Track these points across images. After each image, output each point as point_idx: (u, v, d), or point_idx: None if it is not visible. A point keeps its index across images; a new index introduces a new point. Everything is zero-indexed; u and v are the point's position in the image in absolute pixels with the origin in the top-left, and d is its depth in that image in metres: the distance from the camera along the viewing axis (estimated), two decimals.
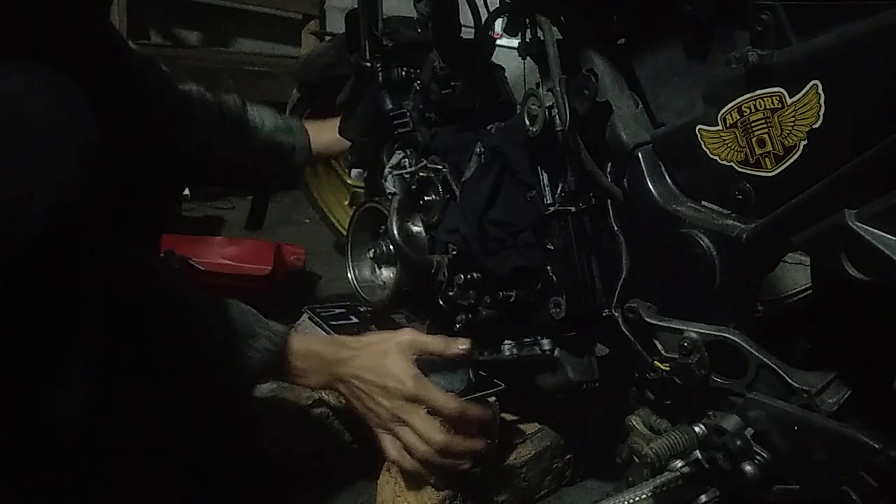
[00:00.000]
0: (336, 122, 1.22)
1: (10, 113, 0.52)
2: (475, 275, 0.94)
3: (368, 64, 1.15)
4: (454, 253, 0.96)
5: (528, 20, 0.89)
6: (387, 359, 0.84)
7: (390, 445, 0.86)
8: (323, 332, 1.05)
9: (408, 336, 0.87)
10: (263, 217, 1.26)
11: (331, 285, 1.75)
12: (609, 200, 0.81)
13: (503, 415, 0.95)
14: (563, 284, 0.87)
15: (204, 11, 3.05)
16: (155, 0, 2.87)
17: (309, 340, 0.88)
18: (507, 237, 0.90)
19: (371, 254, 1.10)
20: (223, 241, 1.71)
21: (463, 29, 1.08)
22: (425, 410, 0.83)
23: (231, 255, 1.65)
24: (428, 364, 0.90)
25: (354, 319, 1.10)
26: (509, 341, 0.94)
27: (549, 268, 0.89)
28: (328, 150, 1.25)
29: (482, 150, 0.96)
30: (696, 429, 0.70)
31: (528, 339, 0.93)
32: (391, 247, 1.03)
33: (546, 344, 0.92)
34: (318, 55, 1.65)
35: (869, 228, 0.53)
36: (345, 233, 1.79)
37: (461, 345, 0.87)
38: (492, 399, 0.91)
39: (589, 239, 0.86)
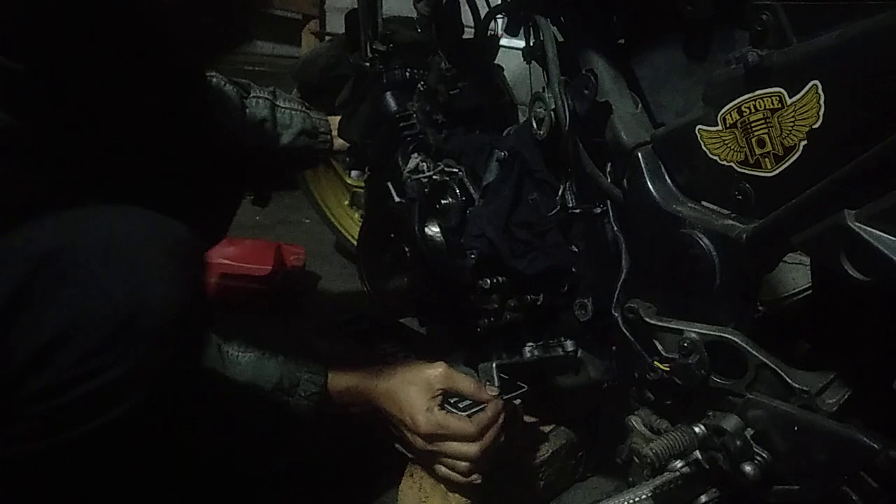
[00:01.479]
0: None
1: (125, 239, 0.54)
2: (500, 279, 0.93)
3: (368, 64, 1.15)
4: (478, 257, 0.95)
5: (530, 22, 0.89)
6: (406, 393, 0.85)
7: (435, 473, 0.88)
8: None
9: (439, 371, 0.87)
10: (270, 196, 1.25)
11: (331, 285, 1.75)
12: (609, 201, 0.81)
13: (524, 416, 0.96)
14: (589, 285, 0.88)
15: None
16: None
17: (346, 376, 0.88)
18: (533, 239, 0.90)
19: (386, 259, 1.08)
20: (223, 241, 1.69)
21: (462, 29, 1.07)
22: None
23: (231, 255, 1.64)
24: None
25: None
26: (531, 343, 0.94)
27: (573, 269, 0.89)
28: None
29: (503, 154, 0.96)
30: (696, 429, 0.70)
31: (552, 341, 0.94)
32: (409, 252, 1.02)
33: (570, 345, 0.93)
34: (318, 55, 1.65)
35: (868, 229, 0.53)
36: (343, 232, 1.81)
37: (490, 391, 0.88)
38: (517, 402, 0.92)
39: (613, 240, 0.86)
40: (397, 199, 1.07)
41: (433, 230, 1.01)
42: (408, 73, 1.10)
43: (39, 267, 0.50)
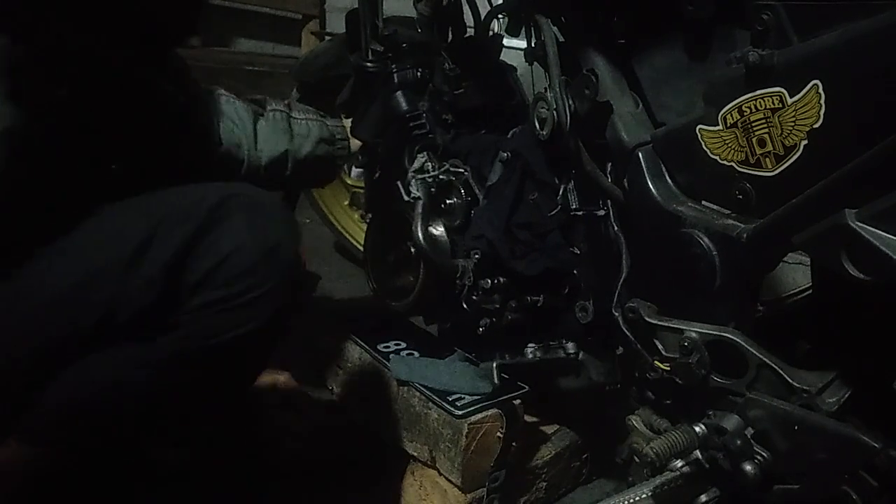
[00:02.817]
0: None
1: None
2: (502, 279, 0.93)
3: (369, 64, 1.15)
4: (480, 257, 0.95)
5: (531, 23, 0.89)
6: None
7: None
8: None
9: None
10: (294, 209, 1.27)
11: (331, 285, 1.75)
12: (610, 201, 0.81)
13: (525, 416, 0.96)
14: (590, 287, 0.87)
15: (204, 11, 3.04)
16: None
17: None
18: (534, 240, 0.90)
19: (391, 258, 1.08)
20: None
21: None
22: None
23: None
24: (433, 366, 0.89)
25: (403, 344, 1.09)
26: (532, 344, 0.94)
27: (575, 271, 0.89)
28: None
29: (506, 155, 0.96)
30: (697, 428, 0.70)
31: (553, 343, 0.94)
32: (414, 251, 1.02)
33: (571, 347, 0.93)
34: (318, 55, 1.64)
35: (869, 228, 0.53)
36: (343, 232, 1.80)
37: None
38: (516, 402, 0.92)
39: (614, 240, 0.86)
40: (406, 199, 1.07)
41: (437, 230, 1.01)
42: (419, 73, 1.10)
43: (211, 212, 0.71)
